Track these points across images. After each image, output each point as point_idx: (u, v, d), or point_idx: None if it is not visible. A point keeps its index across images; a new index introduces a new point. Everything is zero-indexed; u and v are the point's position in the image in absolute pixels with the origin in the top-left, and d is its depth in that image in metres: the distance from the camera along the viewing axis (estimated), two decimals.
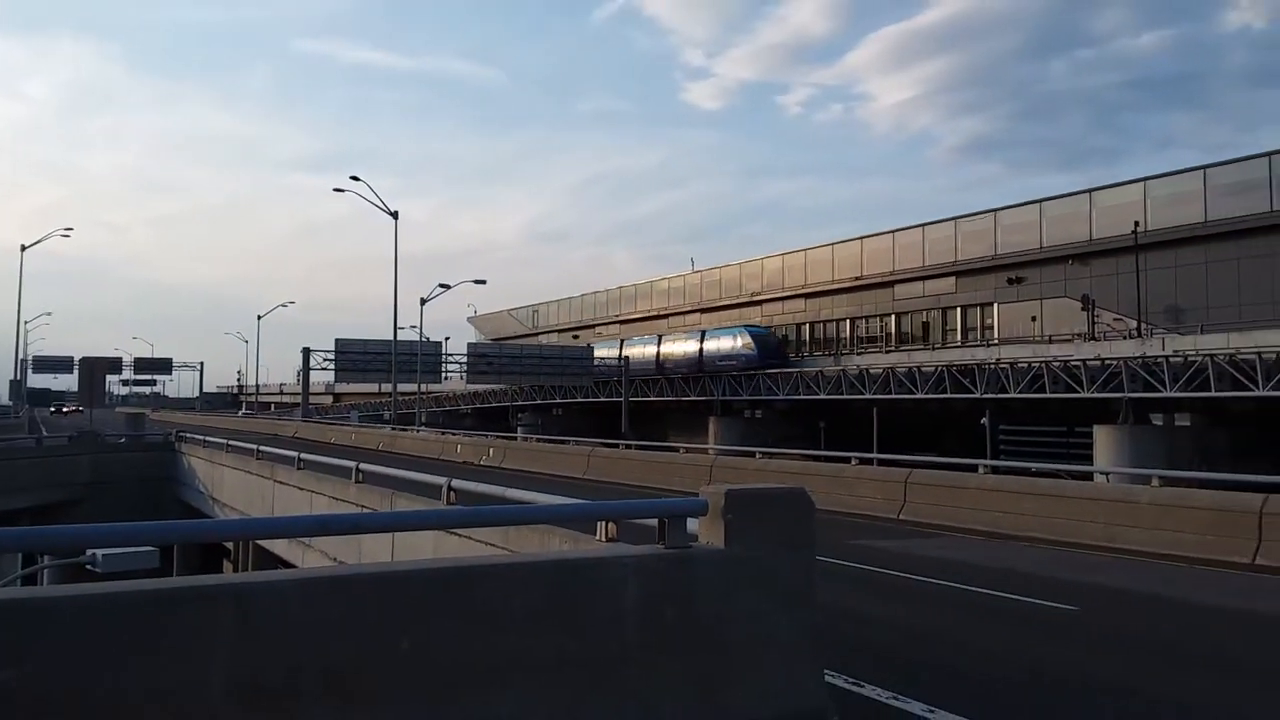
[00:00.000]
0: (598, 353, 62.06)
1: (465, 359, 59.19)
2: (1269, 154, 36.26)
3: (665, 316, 68.80)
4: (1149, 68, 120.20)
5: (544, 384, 63.67)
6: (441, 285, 54.53)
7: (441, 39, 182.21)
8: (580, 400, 64.18)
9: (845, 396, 44.76)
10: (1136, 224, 38.27)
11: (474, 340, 77.35)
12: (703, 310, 65.38)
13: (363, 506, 11.38)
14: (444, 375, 62.12)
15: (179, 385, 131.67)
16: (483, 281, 58.58)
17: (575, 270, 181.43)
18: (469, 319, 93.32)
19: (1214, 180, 37.44)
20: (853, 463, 20.83)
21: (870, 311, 53.68)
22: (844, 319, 55.25)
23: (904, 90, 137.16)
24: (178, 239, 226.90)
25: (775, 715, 4.47)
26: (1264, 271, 35.46)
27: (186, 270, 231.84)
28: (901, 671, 6.75)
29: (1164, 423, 33.03)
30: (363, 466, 12.72)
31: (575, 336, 76.20)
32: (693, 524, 4.78)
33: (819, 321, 57.06)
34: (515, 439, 40.93)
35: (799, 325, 58.60)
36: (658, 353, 58.52)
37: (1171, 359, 31.68)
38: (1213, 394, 30.47)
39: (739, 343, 52.32)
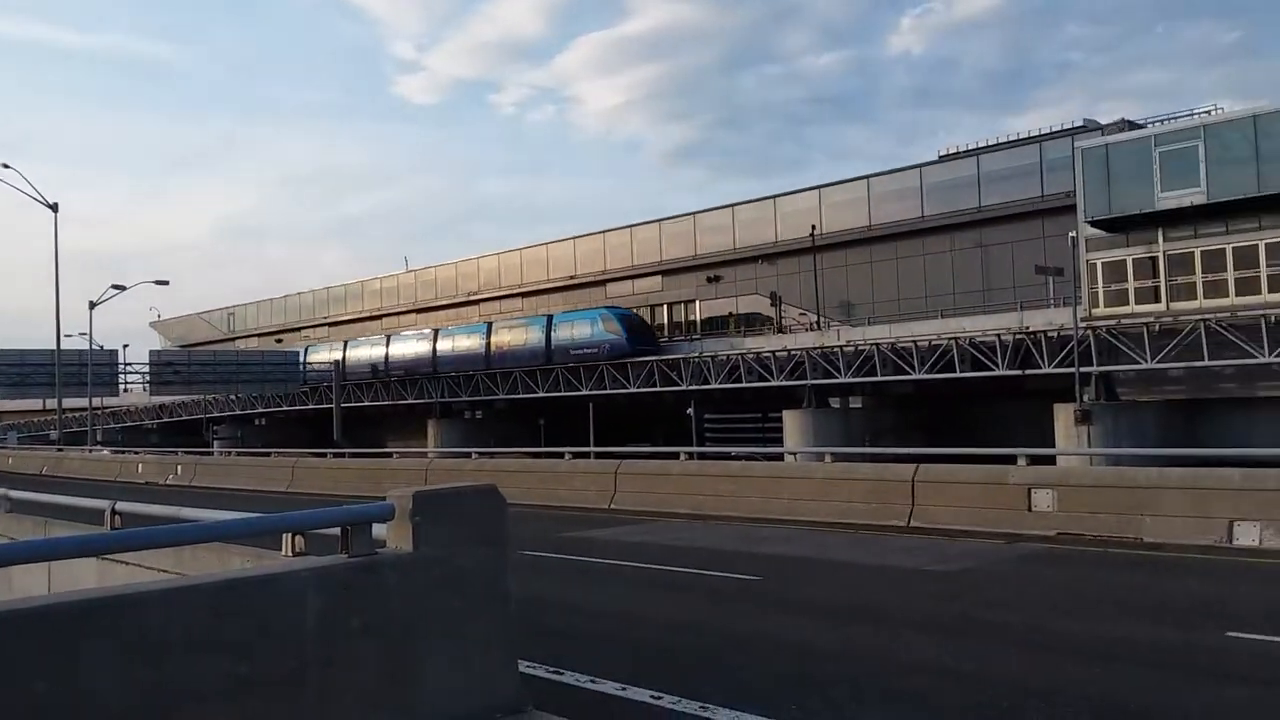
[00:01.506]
0: (395, 350, 55.54)
1: (148, 368, 53.53)
2: (919, 165, 41.60)
3: (379, 318, 66.64)
4: (828, 85, 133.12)
5: (243, 393, 59.18)
6: (115, 286, 48.90)
7: (117, 14, 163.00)
8: (287, 409, 60.57)
9: (562, 394, 45.74)
10: (813, 227, 42.44)
11: (159, 348, 70.42)
12: (419, 310, 64.08)
13: (10, 538, 10.10)
14: (123, 387, 55.90)
15: None
16: (165, 282, 52.59)
17: (280, 271, 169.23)
18: (152, 324, 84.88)
19: (876, 189, 42.34)
20: (566, 457, 21.41)
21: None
22: None
23: (613, 96, 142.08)
24: None
25: (468, 712, 4.56)
26: (916, 269, 40.65)
27: None
28: (601, 655, 7.08)
29: (841, 405, 36.97)
30: (11, 494, 11.30)
31: (279, 340, 71.73)
32: (381, 530, 4.74)
33: None
34: (210, 454, 37.91)
35: None
36: (487, 344, 50.65)
37: (845, 348, 35.52)
38: (879, 378, 34.53)
39: (602, 328, 45.69)
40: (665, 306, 51.70)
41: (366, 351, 57.18)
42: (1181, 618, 7.85)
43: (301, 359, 58.03)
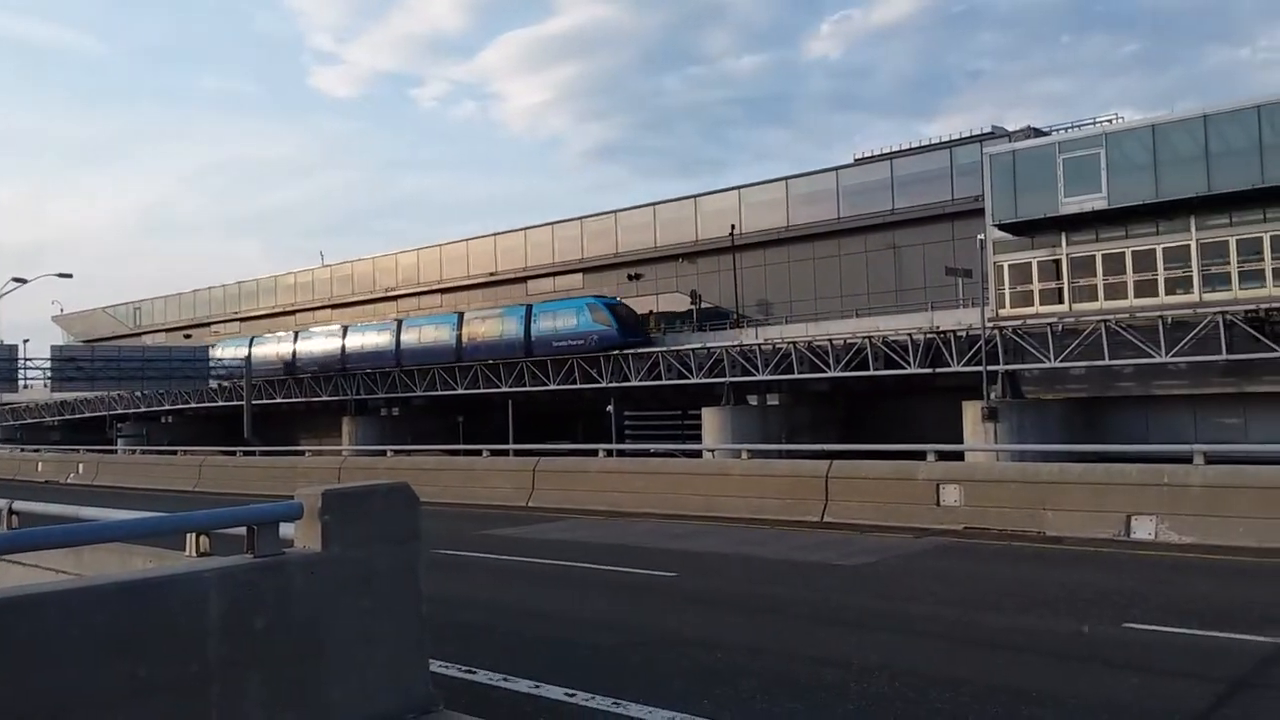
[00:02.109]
0: (352, 342, 51.33)
1: (50, 364, 51.35)
2: (836, 168, 42.40)
3: (293, 313, 64.94)
4: (749, 87, 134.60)
5: (149, 390, 57.00)
6: (16, 279, 46.80)
7: None
8: (195, 406, 58.63)
9: (482, 390, 45.33)
10: (733, 227, 42.93)
11: (62, 343, 67.50)
12: (334, 306, 62.64)
13: None
14: (23, 383, 53.46)
15: None
16: (68, 275, 50.68)
17: (194, 264, 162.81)
18: (55, 318, 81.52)
19: (794, 190, 43.00)
20: (484, 455, 21.26)
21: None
22: None
23: (536, 93, 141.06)
24: None
25: (377, 713, 4.50)
26: (832, 270, 41.44)
27: None
28: (515, 652, 7.07)
29: (759, 402, 37.49)
30: None
31: (187, 336, 69.39)
32: (290, 529, 4.65)
33: None
34: (114, 452, 36.51)
35: None
36: (459, 335, 46.85)
37: (762, 347, 36.05)
38: (795, 376, 35.14)
39: (590, 317, 42.13)
40: None
41: (321, 344, 53.84)
42: (1081, 609, 8.12)
43: (247, 351, 55.74)
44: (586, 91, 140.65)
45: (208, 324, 70.80)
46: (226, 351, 56.90)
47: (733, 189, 45.55)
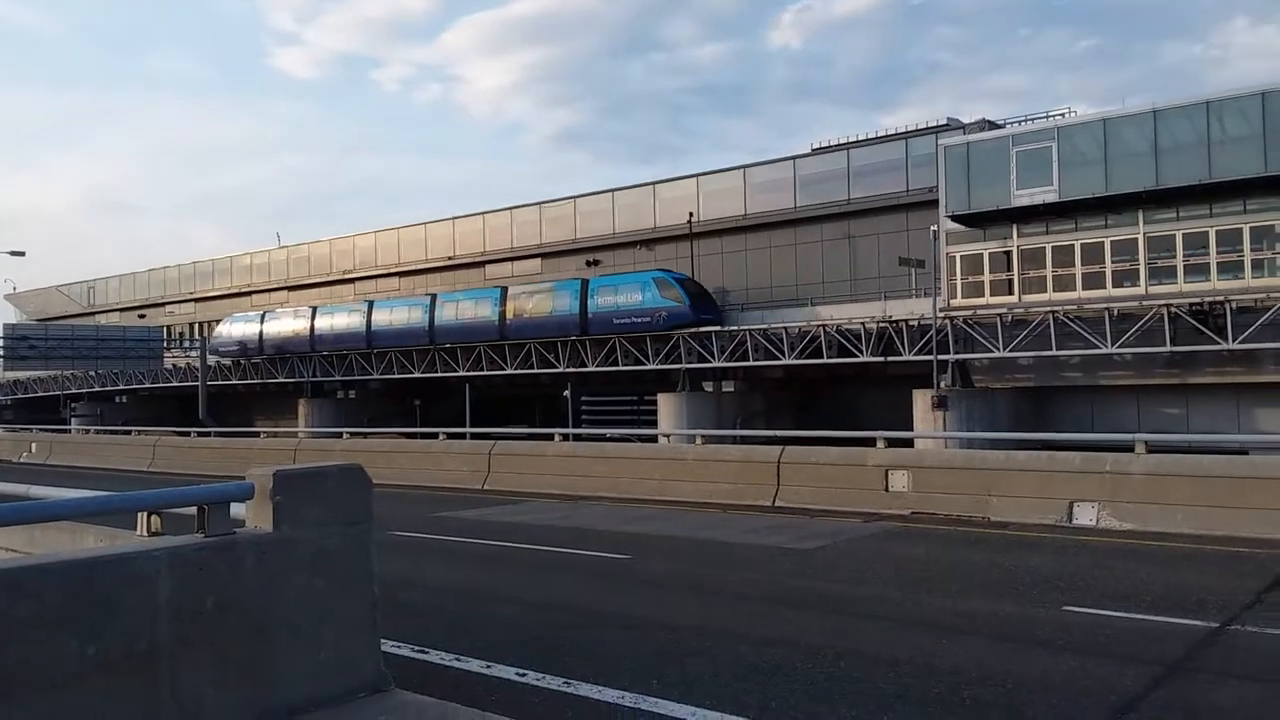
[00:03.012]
0: (380, 318, 48.62)
1: (2, 342, 50.35)
2: (793, 157, 42.63)
3: (249, 294, 63.95)
4: (710, 76, 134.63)
5: (103, 369, 55.96)
6: None
7: None
8: (150, 386, 57.65)
9: (439, 374, 45.08)
10: (691, 214, 42.99)
11: (15, 321, 66.03)
12: (290, 288, 61.76)
13: None
14: None
15: None
16: (20, 253, 49.77)
17: (148, 245, 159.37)
18: (6, 296, 79.82)
19: (752, 179, 43.17)
20: (441, 438, 21.21)
21: None
22: None
23: (500, 77, 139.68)
24: None
25: (328, 693, 4.55)
26: (788, 259, 41.73)
27: None
28: (468, 633, 7.13)
29: (714, 389, 37.73)
30: None
31: (141, 316, 68.04)
32: (241, 509, 4.67)
33: None
34: (67, 431, 35.80)
35: None
36: (502, 312, 43.62)
37: (718, 334, 36.25)
38: (751, 363, 35.46)
39: (658, 293, 38.75)
40: None
41: (344, 320, 50.73)
42: (1023, 593, 8.32)
43: (259, 327, 54.20)
44: (550, 76, 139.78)
45: (162, 304, 69.62)
46: (235, 328, 55.60)
47: (691, 176, 45.59)
